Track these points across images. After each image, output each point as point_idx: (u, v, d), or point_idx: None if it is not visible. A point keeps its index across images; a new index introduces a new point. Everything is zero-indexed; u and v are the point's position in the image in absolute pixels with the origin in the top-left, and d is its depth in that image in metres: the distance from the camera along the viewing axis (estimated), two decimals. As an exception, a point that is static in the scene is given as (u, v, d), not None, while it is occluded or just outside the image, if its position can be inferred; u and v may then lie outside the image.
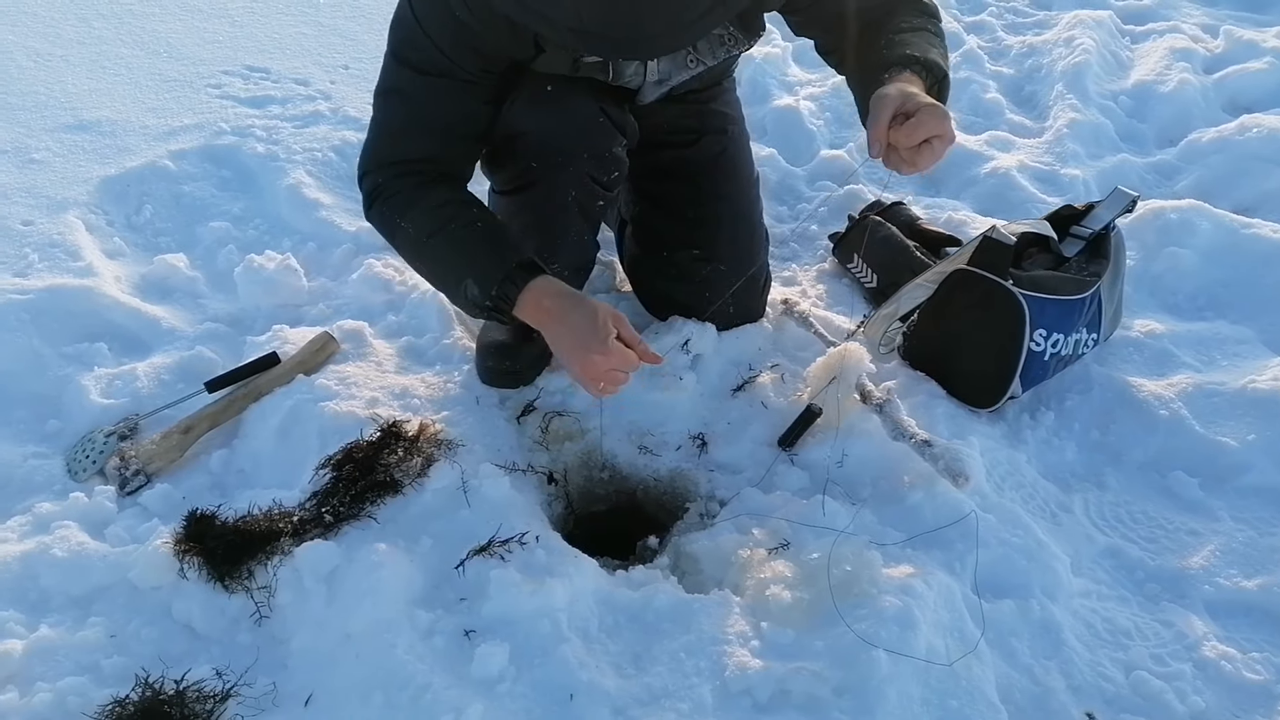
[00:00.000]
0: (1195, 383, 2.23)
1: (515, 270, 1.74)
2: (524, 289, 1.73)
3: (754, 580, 1.74)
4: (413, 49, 1.75)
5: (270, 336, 2.23)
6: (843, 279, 2.55)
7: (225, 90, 3.10)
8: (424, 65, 1.74)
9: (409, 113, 1.80)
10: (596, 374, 1.71)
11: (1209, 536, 1.98)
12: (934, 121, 1.52)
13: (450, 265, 1.80)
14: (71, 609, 1.75)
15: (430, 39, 1.71)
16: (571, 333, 1.71)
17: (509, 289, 1.73)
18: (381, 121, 1.85)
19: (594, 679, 1.58)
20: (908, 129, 1.53)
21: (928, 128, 1.52)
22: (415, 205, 1.81)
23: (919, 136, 1.53)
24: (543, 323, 1.76)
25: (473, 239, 1.78)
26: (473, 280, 1.75)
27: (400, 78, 1.78)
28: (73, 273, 2.37)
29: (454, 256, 1.79)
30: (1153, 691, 1.70)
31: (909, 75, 1.67)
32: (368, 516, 1.81)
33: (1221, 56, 3.54)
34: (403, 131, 1.83)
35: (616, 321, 1.71)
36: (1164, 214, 2.63)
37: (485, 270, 1.74)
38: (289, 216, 2.67)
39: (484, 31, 1.67)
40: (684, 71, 1.97)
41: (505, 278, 1.73)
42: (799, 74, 3.45)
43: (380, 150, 1.85)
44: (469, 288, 1.75)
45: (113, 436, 2.03)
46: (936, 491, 1.89)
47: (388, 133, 1.84)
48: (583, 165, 1.91)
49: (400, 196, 1.82)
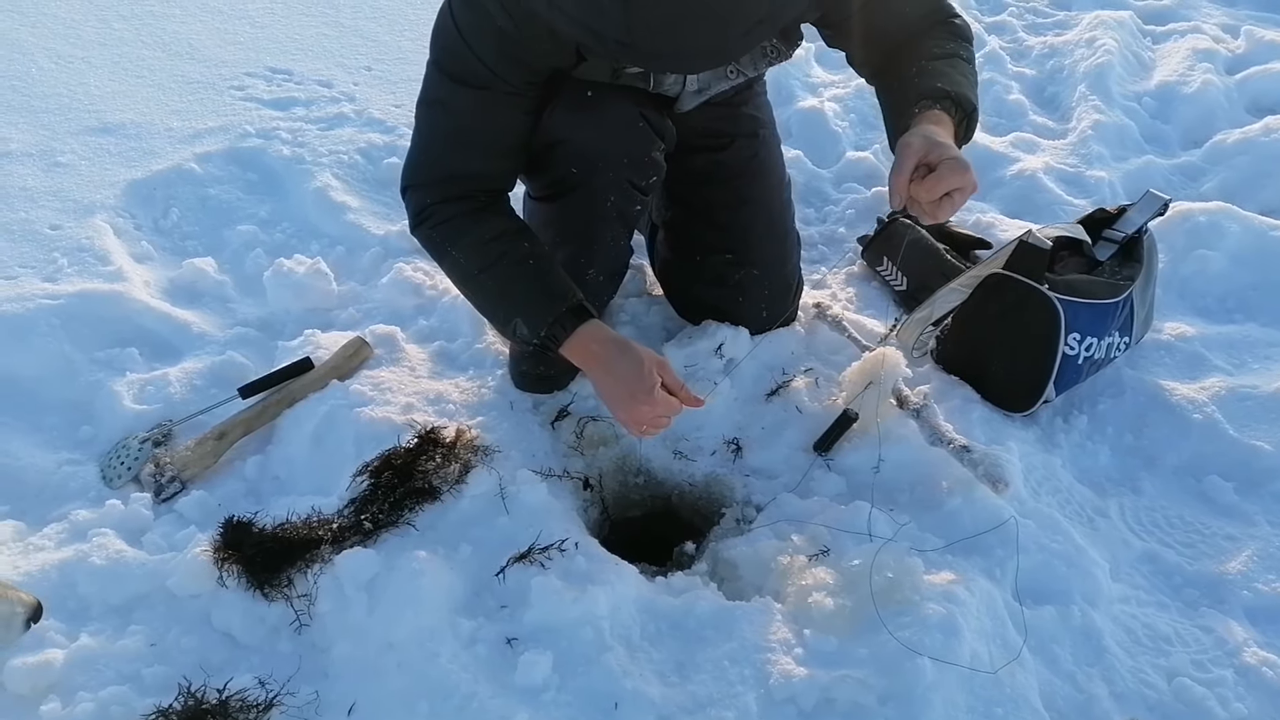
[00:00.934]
0: (1228, 386, 2.22)
1: (565, 314, 1.77)
2: (573, 333, 1.77)
3: (795, 587, 1.74)
4: (454, 59, 1.73)
5: (302, 341, 2.23)
6: (872, 282, 2.54)
7: (249, 92, 3.10)
8: (466, 76, 1.73)
9: (451, 125, 1.79)
10: (641, 420, 1.78)
11: (1246, 541, 1.97)
12: (954, 176, 1.53)
13: (500, 302, 1.85)
14: (111, 617, 1.74)
15: (471, 49, 1.70)
16: (618, 382, 1.76)
17: (558, 332, 1.77)
18: (425, 133, 1.84)
19: (638, 687, 1.58)
20: (929, 184, 1.53)
21: (948, 182, 1.53)
22: (466, 235, 1.82)
23: (939, 191, 1.53)
24: (589, 366, 1.81)
25: (524, 277, 1.80)
26: (522, 320, 1.79)
27: (442, 89, 1.77)
28: (102, 277, 2.37)
29: (504, 294, 1.82)
30: (1195, 698, 1.70)
31: (938, 113, 1.67)
32: (407, 524, 1.81)
33: (1243, 57, 3.53)
34: (446, 145, 1.82)
35: (661, 369, 1.78)
36: (1193, 216, 2.62)
37: (535, 311, 1.78)
38: (317, 220, 2.66)
39: (526, 41, 1.66)
40: (724, 82, 1.97)
41: (555, 320, 1.77)
42: (822, 75, 3.44)
43: (425, 164, 1.85)
44: (518, 326, 1.80)
45: (147, 443, 2.03)
46: (975, 497, 1.89)
47: (431, 146, 1.84)
48: (622, 170, 1.90)
49: (450, 225, 1.82)
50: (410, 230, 1.89)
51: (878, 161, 2.97)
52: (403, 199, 1.88)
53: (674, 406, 1.78)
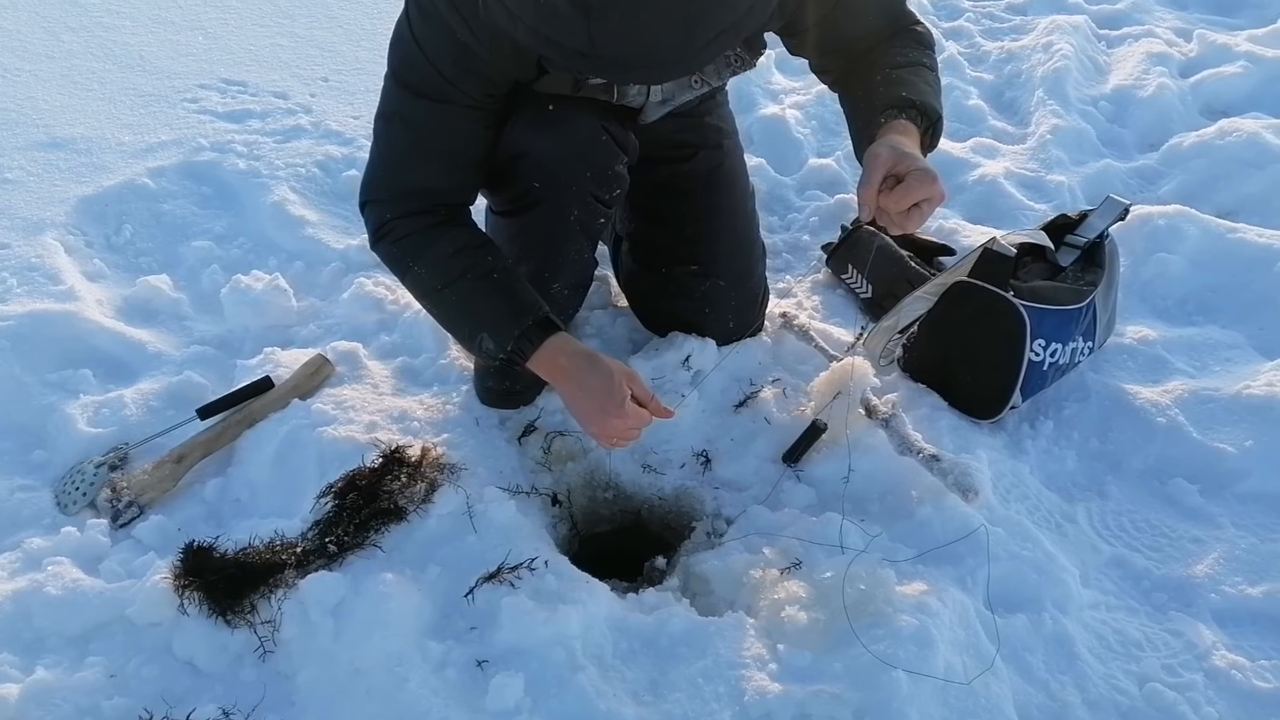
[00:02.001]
0: (1190, 389, 2.24)
1: (531, 328, 1.75)
2: (540, 347, 1.75)
3: (768, 601, 1.73)
4: (412, 71, 1.71)
5: (261, 359, 2.19)
6: (837, 289, 2.54)
7: (202, 105, 3.05)
8: (424, 89, 1.70)
9: (410, 139, 1.76)
10: (612, 434, 1.77)
11: (1212, 544, 1.98)
12: (922, 187, 1.53)
13: (465, 317, 1.81)
14: (68, 649, 1.70)
15: (430, 62, 1.67)
16: (587, 395, 1.75)
17: (524, 346, 1.75)
18: (383, 147, 1.80)
19: (612, 708, 1.56)
20: (897, 195, 1.54)
21: (916, 193, 1.54)
22: (427, 251, 1.79)
23: (908, 202, 1.54)
24: (557, 381, 1.80)
25: (488, 292, 1.78)
26: (488, 335, 1.77)
27: (400, 101, 1.74)
28: (53, 297, 2.31)
29: (469, 310, 1.79)
30: (1167, 703, 1.71)
31: (904, 122, 1.68)
32: (373, 545, 1.78)
33: (1196, 60, 3.58)
34: (405, 159, 1.78)
35: (630, 381, 1.77)
36: (1152, 220, 2.64)
37: (501, 326, 1.76)
38: (274, 235, 2.62)
39: (486, 54, 1.64)
40: (688, 92, 1.95)
41: (521, 334, 1.75)
42: (784, 82, 3.44)
43: (383, 179, 1.81)
44: (484, 341, 1.77)
45: (103, 467, 1.98)
46: (945, 505, 1.88)
47: (389, 159, 1.80)
48: (585, 184, 1.88)
49: (411, 240, 1.79)
50: (370, 246, 1.86)
51: (840, 168, 2.97)
52: (361, 214, 1.85)
53: (644, 418, 1.78)
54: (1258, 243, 2.57)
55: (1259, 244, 2.57)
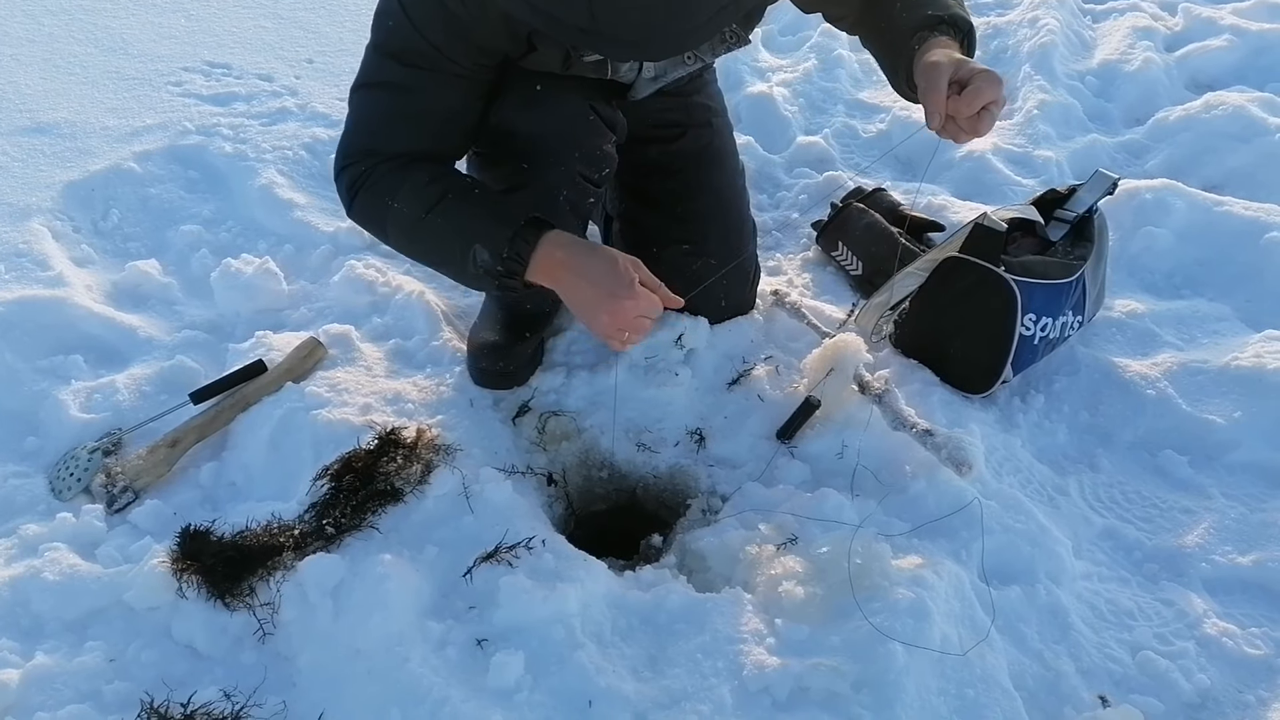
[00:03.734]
0: (1179, 361, 2.26)
1: (524, 228, 1.66)
2: (537, 244, 1.66)
3: (765, 577, 1.74)
4: (400, 41, 1.67)
5: (253, 343, 2.18)
6: (827, 267, 2.55)
7: (187, 88, 3.02)
8: (413, 59, 1.67)
9: (396, 106, 1.72)
10: (625, 322, 1.66)
11: (1202, 514, 2.00)
12: (990, 88, 1.53)
13: (454, 236, 1.71)
14: (67, 634, 1.70)
15: (418, 30, 1.64)
16: (593, 284, 1.65)
17: (521, 246, 1.66)
18: (363, 115, 1.76)
19: (612, 684, 1.57)
20: (967, 98, 1.54)
21: (985, 95, 1.53)
22: (405, 183, 1.71)
23: (978, 104, 1.54)
24: (559, 278, 1.68)
25: (474, 205, 1.71)
26: (481, 245, 1.67)
27: (386, 71, 1.70)
28: (42, 283, 2.30)
29: (457, 226, 1.70)
30: (1159, 671, 1.73)
31: (940, 38, 1.67)
32: (370, 527, 1.78)
33: (1181, 34, 3.58)
34: (389, 123, 1.74)
35: (635, 266, 1.68)
36: (1139, 194, 2.65)
37: (492, 232, 1.66)
38: (263, 218, 2.61)
39: (477, 25, 1.62)
40: (681, 68, 1.94)
41: (515, 234, 1.65)
42: (770, 60, 3.43)
43: (362, 141, 1.76)
44: (478, 253, 1.67)
45: (96, 453, 1.98)
46: (939, 480, 1.90)
47: (369, 124, 1.75)
48: (573, 164, 1.87)
49: (388, 179, 1.72)
50: (347, 210, 1.79)
51: (828, 146, 2.98)
52: (336, 184, 1.79)
53: (655, 303, 1.68)
54: (1244, 215, 2.58)
55: (1245, 217, 2.58)
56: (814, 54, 3.41)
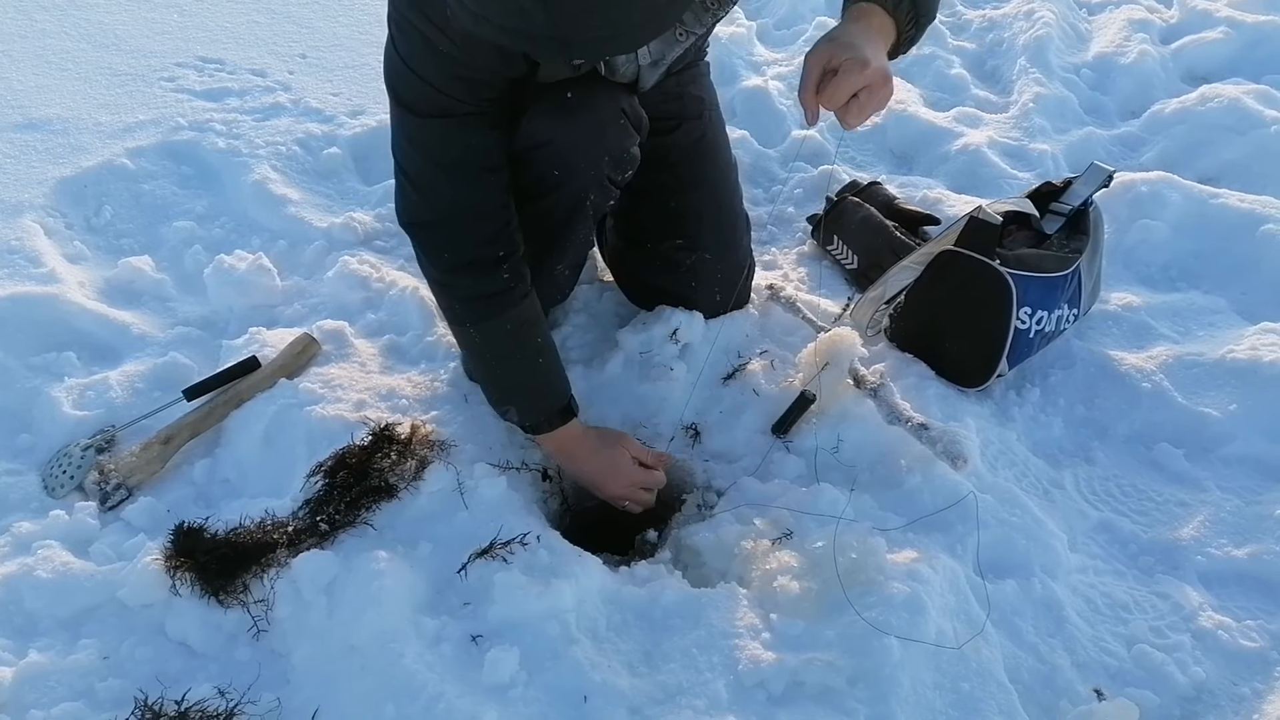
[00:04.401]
0: (1174, 354, 2.26)
1: (555, 415, 1.92)
2: (555, 431, 1.93)
3: (760, 572, 1.74)
4: (408, 90, 1.69)
5: (247, 339, 2.17)
6: (823, 261, 2.54)
7: (179, 83, 3.00)
8: (424, 107, 1.69)
9: (426, 157, 1.75)
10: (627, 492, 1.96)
11: (1197, 507, 2.00)
12: (851, 77, 1.45)
13: (501, 385, 1.95)
14: (60, 632, 1.70)
15: (420, 77, 1.65)
16: (595, 466, 1.96)
17: (544, 428, 1.93)
18: (408, 172, 1.79)
19: (607, 679, 1.56)
20: (828, 91, 1.47)
21: (847, 84, 1.45)
22: (489, 320, 1.85)
23: (842, 96, 1.47)
24: (563, 462, 2.00)
25: (530, 375, 1.91)
26: (516, 410, 1.94)
27: (408, 124, 1.73)
28: (34, 280, 2.29)
29: (508, 381, 1.93)
30: (1155, 664, 1.73)
31: (863, 6, 1.58)
32: (364, 524, 1.78)
33: (1177, 27, 3.57)
34: (428, 180, 1.77)
35: (624, 442, 1.97)
36: (1135, 187, 2.65)
37: (530, 407, 1.93)
38: (256, 214, 2.60)
39: (470, 60, 1.61)
40: (676, 47, 1.90)
41: (545, 420, 1.92)
42: (765, 53, 3.42)
43: (417, 203, 1.81)
44: (510, 412, 1.95)
45: (90, 450, 1.97)
46: (934, 474, 1.89)
47: (416, 184, 1.78)
48: (603, 169, 1.87)
49: (477, 305, 1.84)
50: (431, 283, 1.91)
51: (824, 140, 2.97)
52: (408, 235, 1.87)
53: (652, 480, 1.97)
54: (1239, 208, 2.58)
55: (1241, 209, 2.58)
56: (809, 47, 3.39)
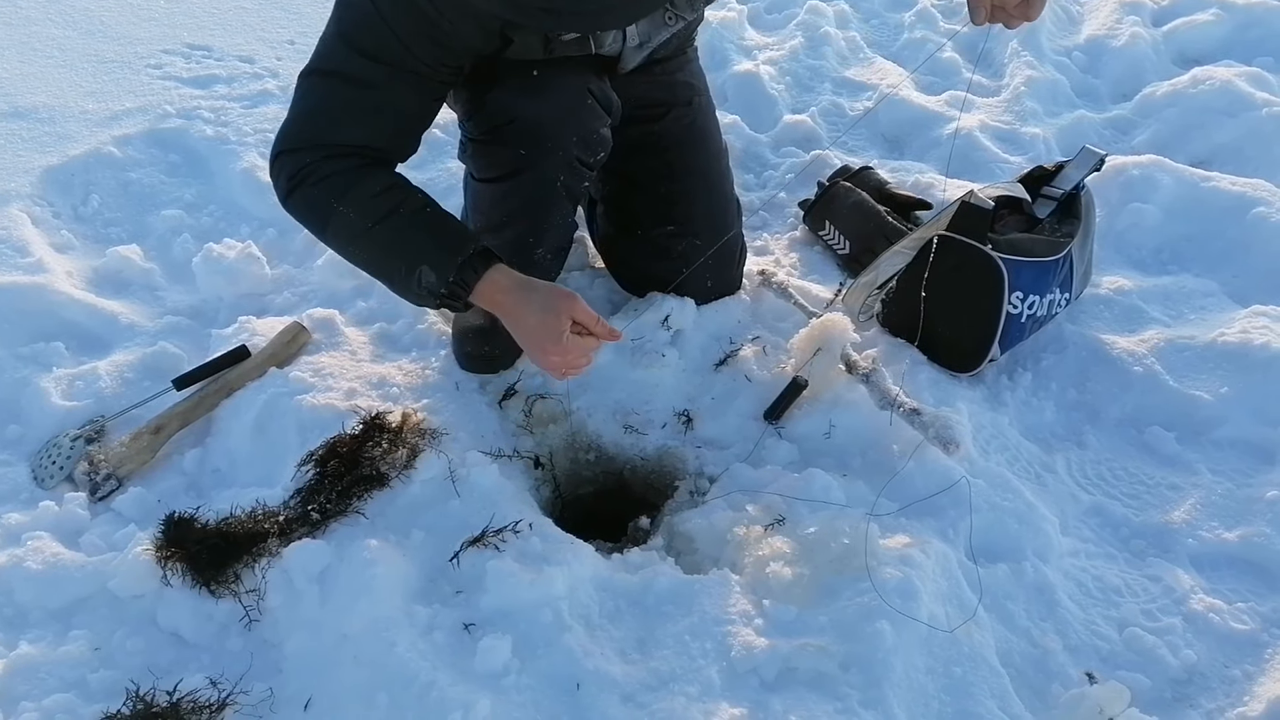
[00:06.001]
0: (1166, 337, 2.25)
1: (474, 257, 1.67)
2: (482, 276, 1.67)
3: (752, 558, 1.74)
4: (367, 33, 1.63)
5: (237, 328, 2.17)
6: (815, 246, 2.54)
7: (167, 70, 2.99)
8: (378, 52, 1.63)
9: (353, 98, 1.67)
10: (556, 367, 1.72)
11: (1189, 490, 2.01)
12: None
13: (400, 253, 1.70)
14: (51, 623, 1.70)
15: (388, 25, 1.60)
16: (528, 333, 1.70)
17: (468, 274, 1.67)
18: (315, 103, 1.69)
19: (600, 667, 1.57)
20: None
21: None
22: (355, 188, 1.67)
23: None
24: (499, 314, 1.73)
25: (424, 224, 1.70)
26: (429, 267, 1.67)
27: (348, 62, 1.65)
28: (22, 269, 2.28)
29: (405, 244, 1.69)
30: (1146, 647, 1.74)
31: None
32: (356, 512, 1.77)
33: (1169, 9, 3.55)
34: (344, 115, 1.69)
35: (570, 309, 1.67)
36: (1126, 170, 2.64)
37: (442, 255, 1.67)
38: (245, 202, 2.59)
39: (447, 24, 1.59)
40: (663, 30, 1.90)
41: (464, 262, 1.66)
42: (757, 38, 3.41)
43: (308, 129, 1.70)
44: (424, 274, 1.67)
45: (79, 440, 1.97)
46: (926, 459, 1.89)
47: (322, 113, 1.69)
48: (571, 149, 1.85)
49: (336, 179, 1.67)
50: (282, 199, 1.72)
51: (815, 125, 2.95)
52: (271, 168, 1.72)
53: (587, 348, 1.70)
54: (1231, 191, 2.57)
55: (1232, 192, 2.57)
56: (800, 31, 3.38)
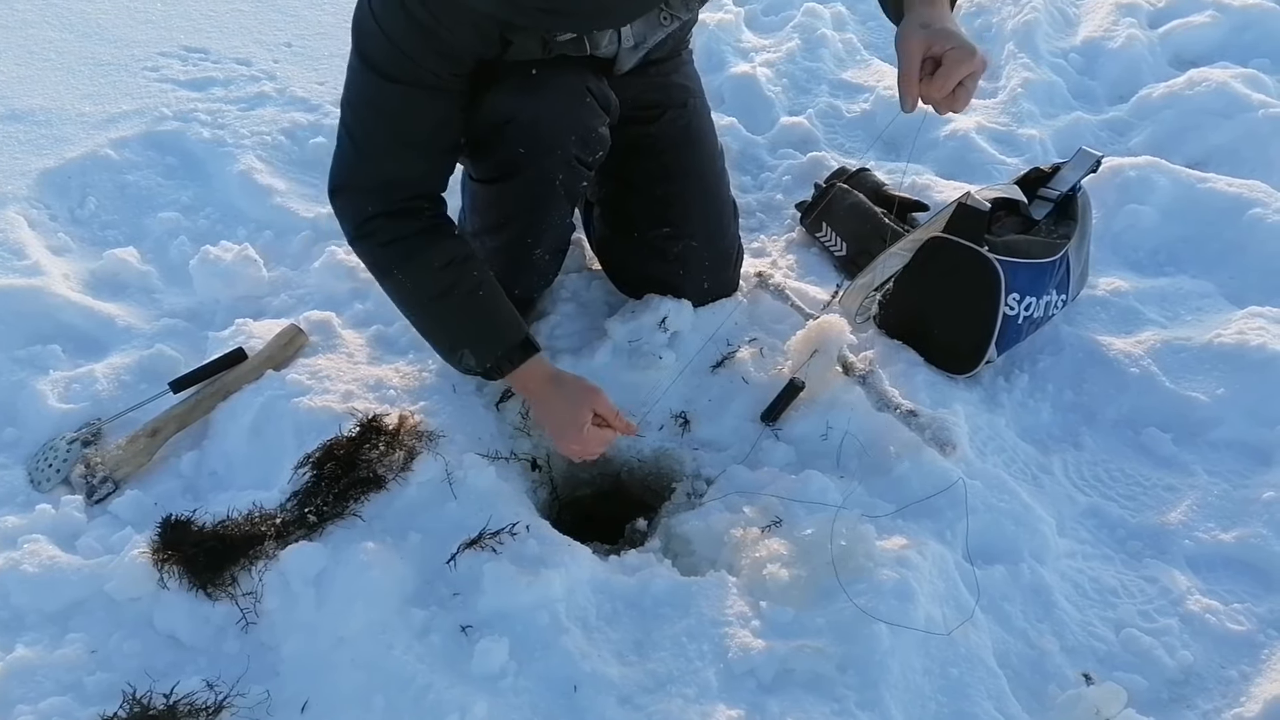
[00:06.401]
0: (1162, 339, 2.26)
1: (513, 349, 1.85)
2: (518, 368, 1.86)
3: (749, 560, 1.74)
4: (378, 52, 1.67)
5: (233, 331, 2.16)
6: (812, 248, 2.54)
7: (163, 73, 2.98)
8: (392, 72, 1.66)
9: (383, 125, 1.73)
10: (572, 452, 1.88)
11: (1185, 491, 2.01)
12: (961, 65, 1.49)
13: (449, 333, 1.88)
14: (48, 626, 1.70)
15: (393, 43, 1.63)
16: (551, 419, 1.89)
17: (504, 365, 1.86)
18: (357, 133, 1.76)
19: (597, 669, 1.57)
20: (939, 81, 1.50)
21: (957, 73, 1.49)
22: (414, 259, 1.79)
23: (951, 84, 1.51)
24: (528, 398, 1.96)
25: (475, 311, 1.84)
26: (470, 352, 1.85)
27: (370, 86, 1.70)
28: (18, 272, 2.28)
29: (454, 326, 1.87)
30: (1143, 648, 1.74)
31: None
32: (353, 515, 1.78)
33: (1165, 11, 3.55)
34: (378, 146, 1.75)
35: (594, 402, 1.85)
36: (1123, 171, 2.65)
37: (485, 346, 1.85)
38: (242, 204, 2.58)
39: (446, 33, 1.61)
40: (659, 31, 1.90)
41: (503, 355, 1.85)
42: (753, 40, 3.41)
43: (357, 166, 1.78)
44: (465, 356, 1.86)
45: (76, 443, 1.96)
46: (923, 460, 1.90)
47: (362, 147, 1.76)
48: (570, 148, 1.86)
49: (397, 247, 1.79)
50: (349, 241, 1.85)
51: (812, 126, 2.96)
52: (332, 202, 1.82)
53: (604, 439, 1.86)
54: (1227, 192, 2.58)
55: (1228, 194, 2.57)
56: (797, 33, 3.38)
